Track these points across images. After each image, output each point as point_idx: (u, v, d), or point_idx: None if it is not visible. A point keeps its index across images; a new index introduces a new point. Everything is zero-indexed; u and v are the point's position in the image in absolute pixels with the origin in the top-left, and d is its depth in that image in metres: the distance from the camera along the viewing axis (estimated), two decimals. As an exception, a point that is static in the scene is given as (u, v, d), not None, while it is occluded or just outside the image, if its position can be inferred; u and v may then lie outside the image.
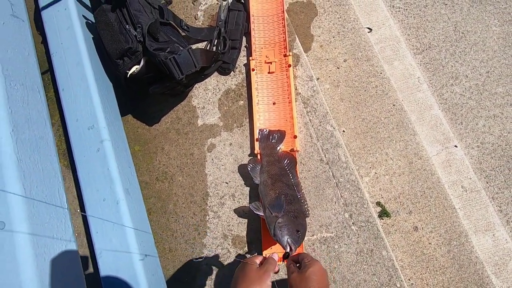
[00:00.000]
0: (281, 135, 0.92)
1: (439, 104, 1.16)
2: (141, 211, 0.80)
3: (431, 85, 1.19)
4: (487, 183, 1.08)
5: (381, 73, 1.15)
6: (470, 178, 1.08)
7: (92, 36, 0.90)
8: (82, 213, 0.77)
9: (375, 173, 1.09)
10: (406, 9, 1.27)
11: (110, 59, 0.84)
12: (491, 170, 1.09)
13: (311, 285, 0.53)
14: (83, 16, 0.89)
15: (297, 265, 0.60)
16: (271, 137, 0.92)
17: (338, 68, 1.18)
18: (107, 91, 0.87)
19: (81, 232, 1.02)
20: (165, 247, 0.96)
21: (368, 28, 1.27)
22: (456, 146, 1.11)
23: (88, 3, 0.98)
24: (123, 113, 1.04)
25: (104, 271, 0.71)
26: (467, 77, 1.17)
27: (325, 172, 0.93)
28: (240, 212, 0.95)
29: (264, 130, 0.93)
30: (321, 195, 0.92)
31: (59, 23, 0.84)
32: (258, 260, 0.60)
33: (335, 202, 0.91)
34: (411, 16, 1.26)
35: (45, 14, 0.87)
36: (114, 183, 0.72)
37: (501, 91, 1.14)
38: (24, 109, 0.61)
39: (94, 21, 0.90)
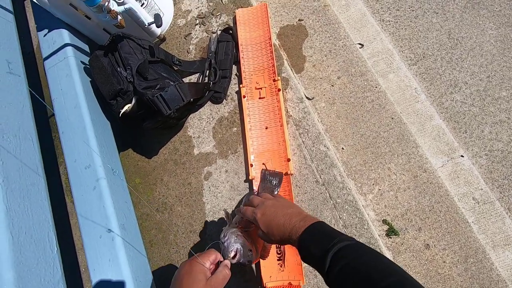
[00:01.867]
0: (281, 179, 0.88)
1: (439, 113, 1.13)
2: (139, 245, 0.81)
3: (430, 95, 1.16)
4: (501, 193, 1.01)
5: (376, 87, 1.14)
6: (481, 189, 1.02)
7: (90, 79, 0.97)
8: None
9: (379, 189, 1.05)
10: (397, 22, 1.27)
11: (105, 100, 0.90)
12: (503, 179, 1.02)
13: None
14: (81, 62, 0.96)
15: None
16: (272, 179, 0.87)
17: (332, 86, 1.18)
18: (104, 130, 0.92)
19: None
20: (167, 280, 0.96)
21: (360, 44, 1.27)
22: (462, 156, 1.06)
23: (87, 49, 1.06)
24: (123, 148, 1.09)
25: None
26: (466, 83, 1.13)
27: (321, 193, 0.92)
28: (239, 239, 0.94)
29: (267, 171, 0.89)
30: (319, 217, 0.90)
31: (59, 71, 0.92)
32: (209, 260, 0.55)
33: (334, 224, 0.88)
34: (402, 28, 1.26)
35: (47, 63, 0.94)
36: (110, 219, 0.75)
37: (505, 95, 1.09)
38: (16, 159, 0.66)
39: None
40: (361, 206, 0.89)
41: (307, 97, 1.14)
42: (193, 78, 1.14)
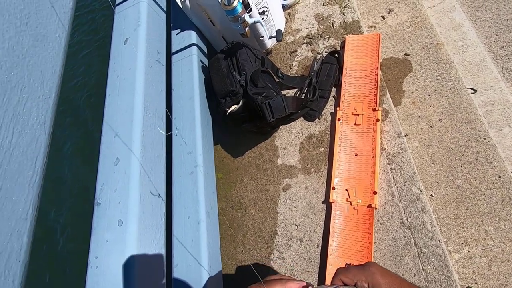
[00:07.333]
0: None
1: None
2: (216, 235, 0.86)
3: (554, 160, 1.00)
4: None
5: (485, 138, 1.03)
6: None
7: (204, 77, 1.08)
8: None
9: (469, 251, 0.94)
10: (523, 73, 1.14)
11: (215, 98, 0.99)
12: None
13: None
14: (200, 61, 1.09)
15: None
16: None
17: (431, 127, 1.11)
18: (207, 123, 1.01)
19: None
20: (228, 275, 1.00)
21: (472, 89, 1.18)
22: None
23: (206, 50, 1.19)
24: (214, 142, 1.18)
25: (177, 280, 0.77)
26: None
27: (405, 237, 0.85)
28: (306, 259, 0.93)
29: None
30: (398, 262, 0.84)
31: (182, 66, 1.05)
32: None
33: (415, 275, 0.81)
34: (529, 81, 1.12)
35: (174, 57, 1.10)
36: (199, 204, 0.81)
37: None
38: (151, 133, 0.77)
39: (208, 65, 1.09)
40: (451, 263, 0.80)
41: (402, 133, 1.09)
42: (290, 92, 1.18)
